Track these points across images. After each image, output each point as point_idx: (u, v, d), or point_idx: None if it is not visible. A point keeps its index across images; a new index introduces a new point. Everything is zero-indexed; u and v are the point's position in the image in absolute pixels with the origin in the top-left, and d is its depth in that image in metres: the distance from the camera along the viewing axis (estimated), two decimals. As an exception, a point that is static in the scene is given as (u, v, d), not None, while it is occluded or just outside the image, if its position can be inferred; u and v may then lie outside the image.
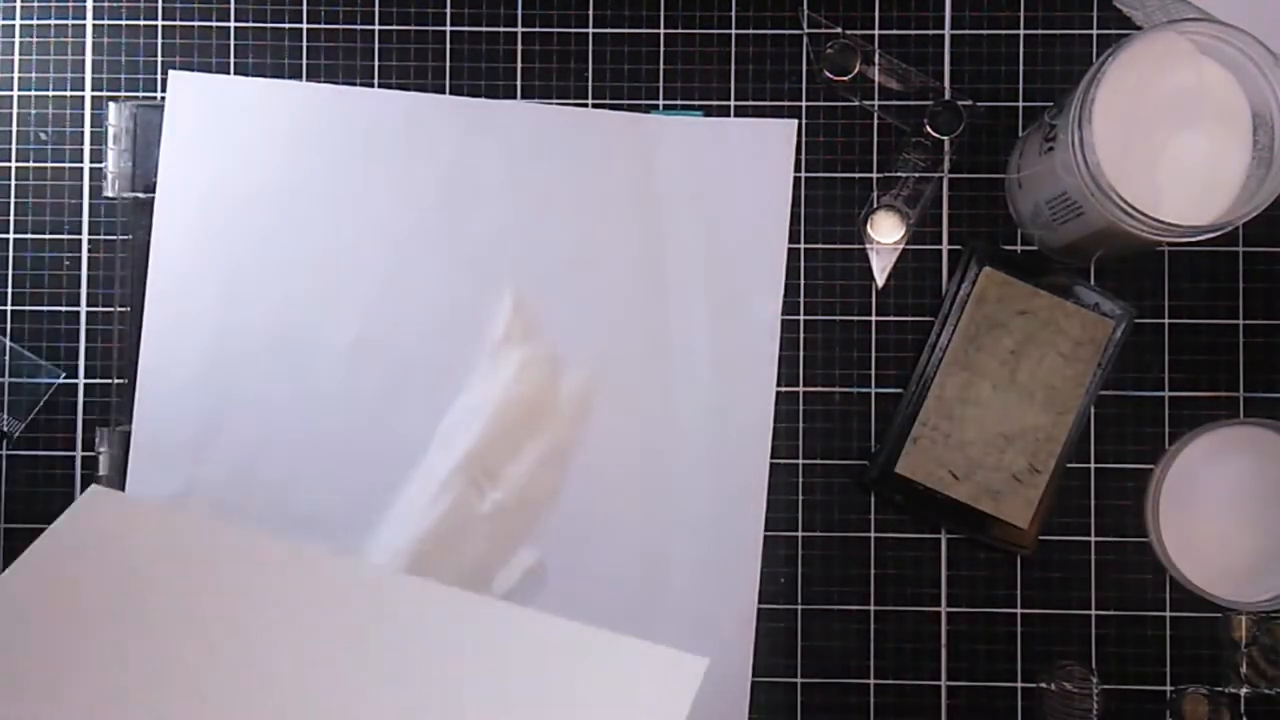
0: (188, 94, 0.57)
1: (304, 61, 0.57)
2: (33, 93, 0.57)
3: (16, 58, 0.57)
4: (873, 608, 0.56)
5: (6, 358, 0.56)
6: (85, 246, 0.57)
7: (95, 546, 0.44)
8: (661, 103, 0.57)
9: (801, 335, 0.56)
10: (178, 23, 0.58)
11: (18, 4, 0.58)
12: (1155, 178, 0.48)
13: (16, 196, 0.57)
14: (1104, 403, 0.56)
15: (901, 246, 0.57)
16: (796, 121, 0.57)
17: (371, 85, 0.57)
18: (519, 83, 0.57)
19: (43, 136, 0.57)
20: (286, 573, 0.44)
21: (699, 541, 0.55)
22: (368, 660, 0.40)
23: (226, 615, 0.42)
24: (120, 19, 0.58)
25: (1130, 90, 0.48)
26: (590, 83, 0.57)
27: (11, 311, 0.57)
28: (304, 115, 0.56)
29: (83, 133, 0.57)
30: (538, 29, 0.57)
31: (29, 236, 0.57)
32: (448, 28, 0.57)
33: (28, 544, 0.57)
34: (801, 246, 0.57)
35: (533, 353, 0.56)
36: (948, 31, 0.57)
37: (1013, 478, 0.55)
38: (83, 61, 0.58)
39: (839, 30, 0.57)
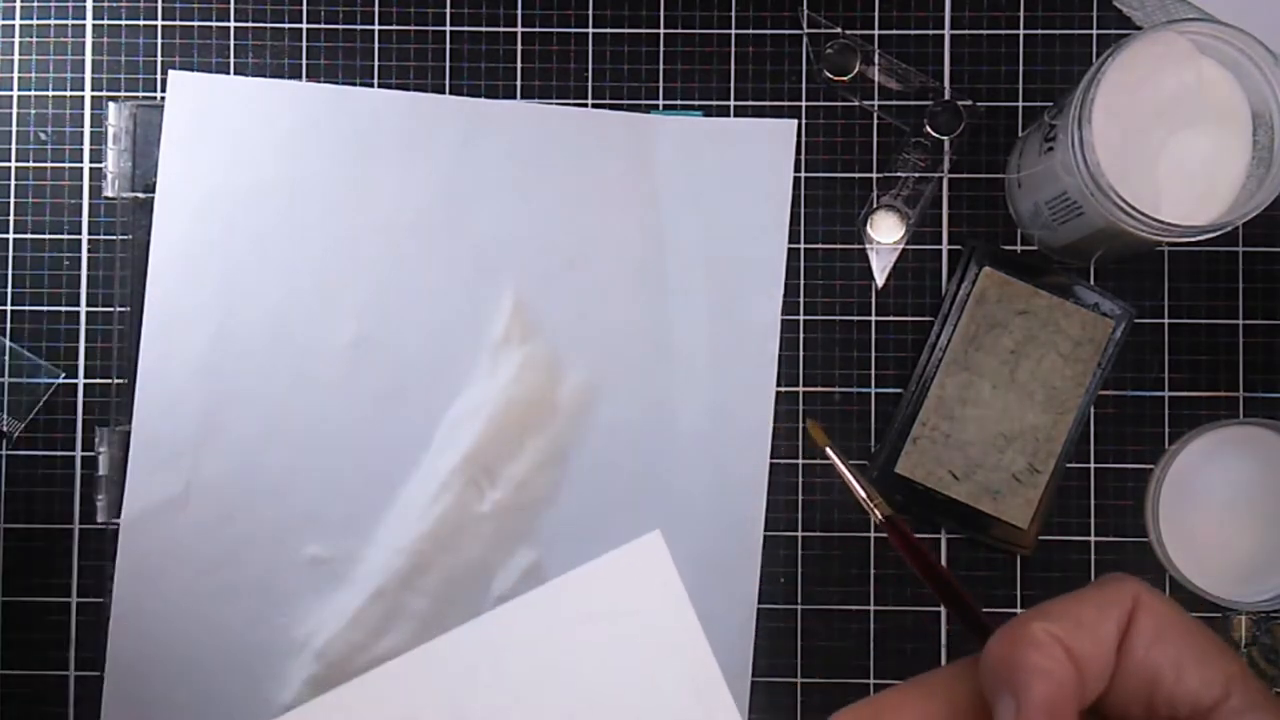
0: (188, 94, 0.57)
1: (304, 61, 0.57)
2: (33, 93, 0.57)
3: (16, 58, 0.57)
4: (873, 608, 0.56)
5: (6, 358, 0.56)
6: (85, 246, 0.57)
7: None
8: (661, 103, 0.57)
9: (801, 335, 0.56)
10: (178, 23, 0.58)
11: (18, 4, 0.58)
12: (1155, 178, 0.48)
13: (16, 196, 0.57)
14: (1104, 403, 0.56)
15: (901, 246, 0.57)
16: (796, 121, 0.57)
17: (371, 85, 0.57)
18: (519, 83, 0.57)
19: (43, 136, 0.57)
20: None
21: (699, 541, 0.55)
22: None
23: None
24: (120, 19, 0.58)
25: (1130, 90, 0.48)
26: (590, 83, 0.57)
27: (11, 311, 0.57)
28: (304, 115, 0.56)
29: (83, 133, 0.57)
30: (538, 29, 0.57)
31: (29, 236, 0.57)
32: (448, 28, 0.57)
33: (28, 544, 0.57)
34: (801, 246, 0.57)
35: (533, 353, 0.56)
36: (948, 31, 0.57)
37: (1013, 478, 0.55)
38: (83, 61, 0.58)
39: (839, 30, 0.57)
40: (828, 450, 0.41)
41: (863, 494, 0.38)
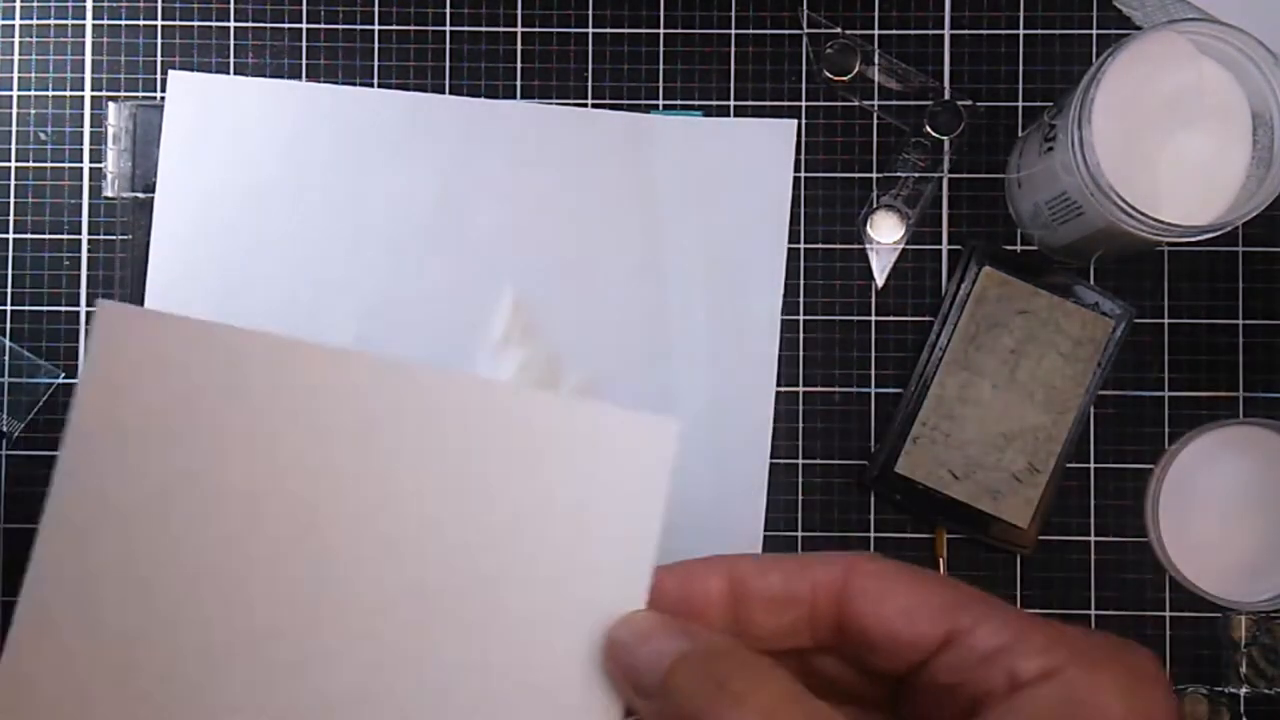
0: (188, 94, 0.57)
1: (304, 61, 0.57)
2: (33, 93, 0.57)
3: (16, 58, 0.57)
4: (873, 608, 0.56)
5: (6, 358, 0.56)
6: (85, 246, 0.57)
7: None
8: (661, 103, 0.57)
9: (801, 335, 0.56)
10: (178, 23, 0.58)
11: (17, 4, 0.58)
12: (1155, 178, 0.48)
13: (16, 196, 0.57)
14: (1104, 403, 0.56)
15: (901, 246, 0.57)
16: (796, 121, 0.57)
17: (371, 85, 0.57)
18: (519, 83, 0.57)
19: (43, 136, 0.57)
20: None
21: (699, 541, 0.55)
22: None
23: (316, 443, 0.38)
24: (120, 19, 0.58)
25: (1130, 90, 0.48)
26: (590, 83, 0.57)
27: (11, 311, 0.57)
28: (304, 115, 0.56)
29: (83, 133, 0.57)
30: (538, 29, 0.57)
31: (29, 236, 0.57)
32: (448, 28, 0.57)
33: (28, 544, 0.57)
34: (801, 246, 0.57)
35: (533, 353, 0.56)
36: (948, 31, 0.57)
37: (1012, 477, 0.55)
38: (83, 61, 0.58)
39: (839, 30, 0.57)
40: None
41: None
